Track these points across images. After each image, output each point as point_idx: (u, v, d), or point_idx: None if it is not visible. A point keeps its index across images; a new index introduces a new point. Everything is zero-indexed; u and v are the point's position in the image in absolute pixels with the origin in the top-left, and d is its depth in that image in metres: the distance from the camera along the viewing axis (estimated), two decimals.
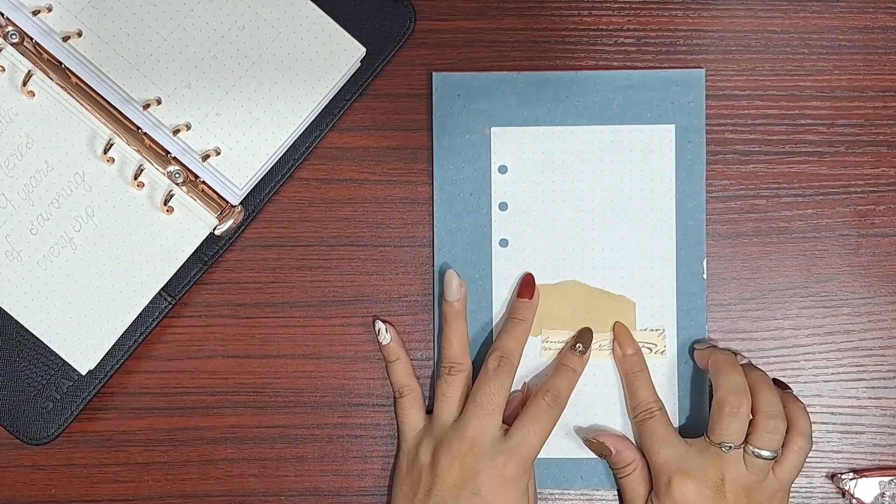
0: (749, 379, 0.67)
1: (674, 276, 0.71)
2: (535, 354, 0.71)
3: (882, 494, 0.70)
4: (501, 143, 0.72)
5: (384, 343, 0.71)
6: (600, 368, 0.72)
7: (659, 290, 0.71)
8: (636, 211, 0.71)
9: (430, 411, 0.71)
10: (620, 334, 0.71)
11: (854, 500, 0.70)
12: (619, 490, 0.71)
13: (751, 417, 0.66)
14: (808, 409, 0.70)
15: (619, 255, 0.71)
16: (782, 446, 0.66)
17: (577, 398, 0.71)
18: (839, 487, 0.71)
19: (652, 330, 0.72)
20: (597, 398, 0.72)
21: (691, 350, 0.71)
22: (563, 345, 0.71)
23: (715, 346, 0.71)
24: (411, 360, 0.72)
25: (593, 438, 0.70)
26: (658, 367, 0.71)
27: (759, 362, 0.71)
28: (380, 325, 0.71)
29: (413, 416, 0.70)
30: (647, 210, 0.71)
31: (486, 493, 0.66)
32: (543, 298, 0.71)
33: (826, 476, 0.71)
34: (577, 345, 0.70)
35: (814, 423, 0.70)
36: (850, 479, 0.70)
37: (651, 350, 0.71)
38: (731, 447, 0.66)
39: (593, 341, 0.71)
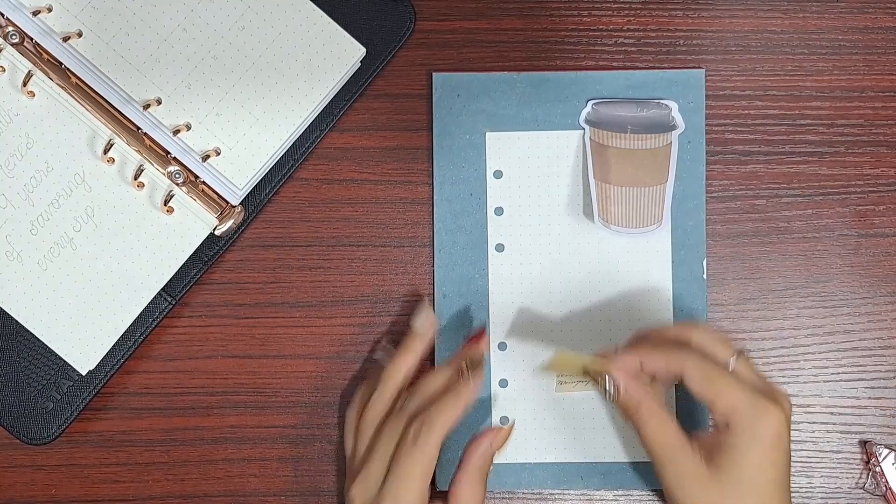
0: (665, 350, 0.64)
1: (670, 289, 0.71)
2: (549, 390, 0.71)
3: None
4: (497, 147, 0.71)
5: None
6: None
7: (655, 304, 0.71)
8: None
9: None
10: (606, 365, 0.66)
11: (879, 468, 0.69)
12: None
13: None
14: (808, 409, 0.71)
15: (614, 267, 0.71)
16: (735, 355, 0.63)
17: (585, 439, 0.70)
18: (869, 452, 0.70)
19: None
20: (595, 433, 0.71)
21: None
22: (576, 379, 0.67)
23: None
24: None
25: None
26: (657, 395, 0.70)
27: (759, 362, 0.71)
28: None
29: None
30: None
31: None
32: (549, 338, 0.70)
33: (858, 442, 0.71)
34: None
35: (814, 423, 0.71)
36: (887, 452, 0.69)
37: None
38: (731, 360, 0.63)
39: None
